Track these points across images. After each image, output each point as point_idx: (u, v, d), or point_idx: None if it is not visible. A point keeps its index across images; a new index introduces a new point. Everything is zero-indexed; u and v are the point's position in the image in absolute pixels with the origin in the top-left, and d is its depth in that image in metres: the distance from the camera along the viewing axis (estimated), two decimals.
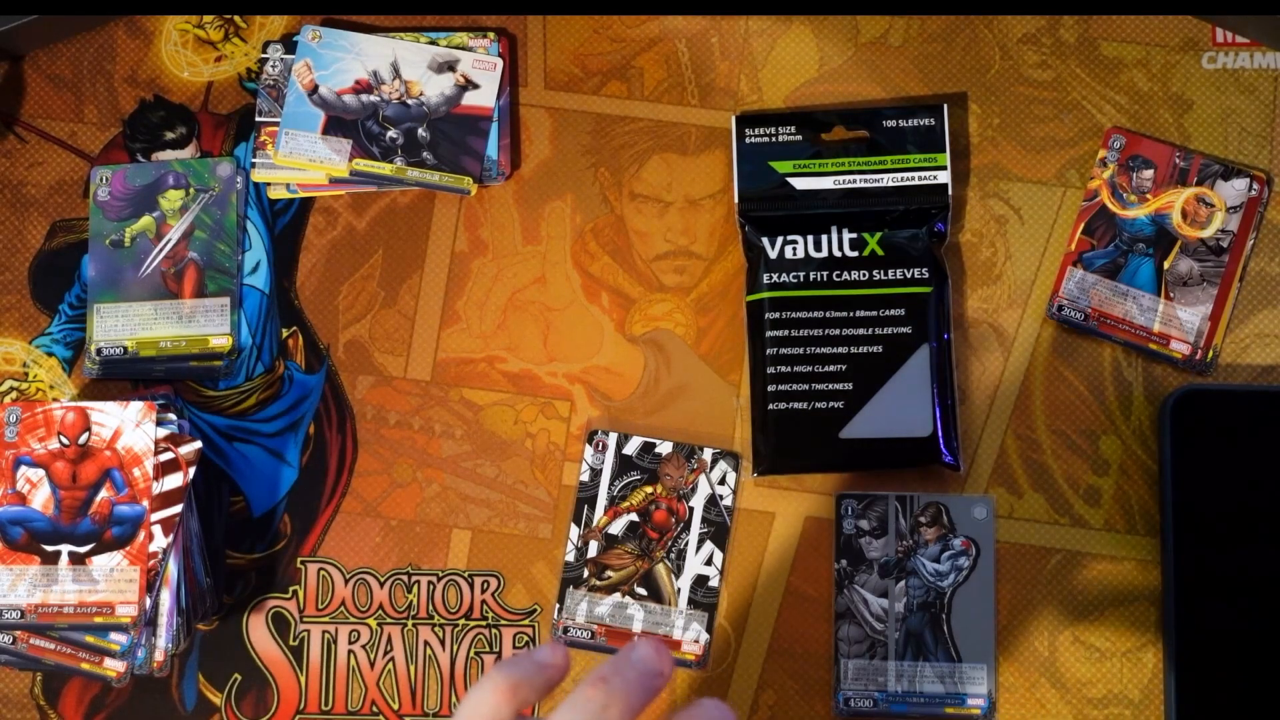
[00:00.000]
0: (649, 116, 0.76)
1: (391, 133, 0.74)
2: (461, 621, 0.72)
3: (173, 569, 0.69)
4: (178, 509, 0.69)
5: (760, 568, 0.72)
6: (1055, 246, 0.73)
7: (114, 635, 0.69)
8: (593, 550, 0.72)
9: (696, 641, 0.71)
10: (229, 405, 0.74)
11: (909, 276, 0.72)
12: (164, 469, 0.69)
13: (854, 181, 0.73)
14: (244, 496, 0.73)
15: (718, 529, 0.72)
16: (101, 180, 0.75)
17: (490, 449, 0.73)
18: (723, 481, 0.72)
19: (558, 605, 0.72)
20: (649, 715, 0.49)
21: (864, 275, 0.72)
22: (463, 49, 0.75)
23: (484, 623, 0.72)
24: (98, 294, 0.74)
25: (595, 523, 0.72)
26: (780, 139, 0.73)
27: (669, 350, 0.74)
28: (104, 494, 0.69)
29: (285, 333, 0.75)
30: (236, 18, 0.77)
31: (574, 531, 0.72)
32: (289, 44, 0.76)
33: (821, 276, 0.72)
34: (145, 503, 0.69)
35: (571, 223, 0.75)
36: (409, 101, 0.75)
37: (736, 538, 0.72)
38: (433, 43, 0.76)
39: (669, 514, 0.72)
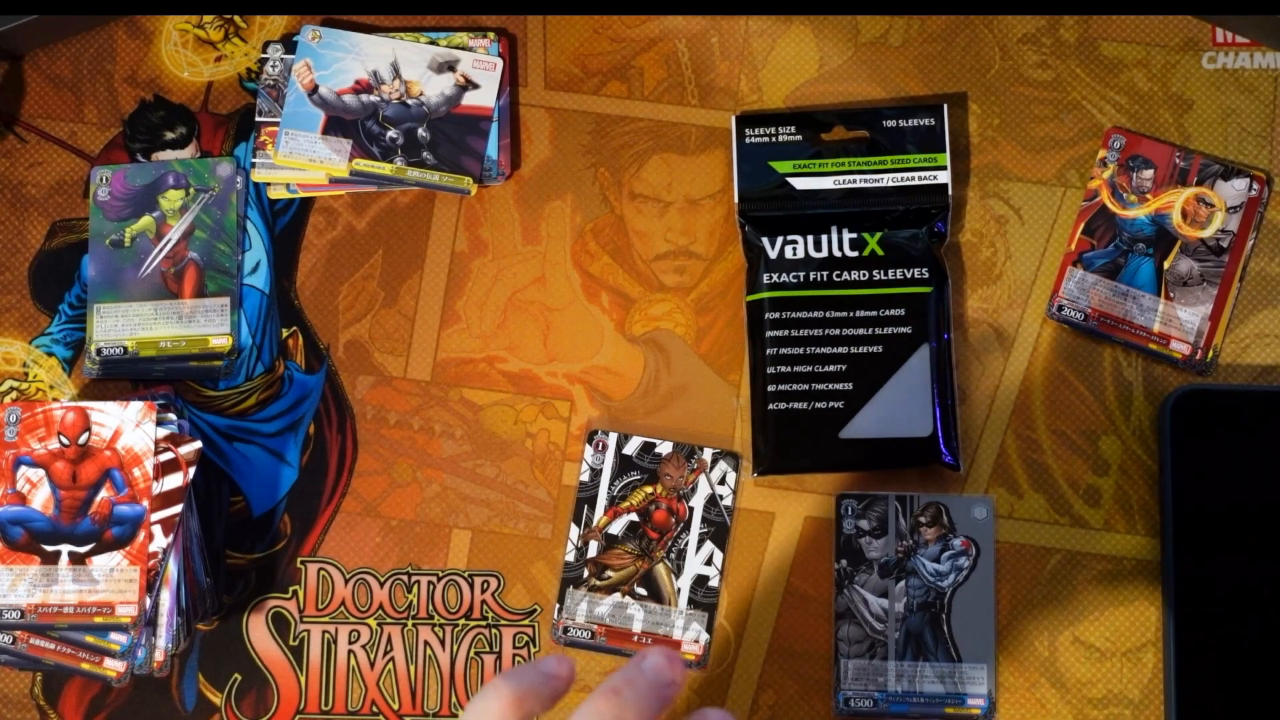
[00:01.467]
0: (649, 116, 0.76)
1: (391, 133, 0.74)
2: (461, 621, 0.72)
3: (173, 569, 0.69)
4: (178, 509, 0.69)
5: (760, 568, 0.72)
6: (1055, 246, 0.73)
7: (114, 635, 0.69)
8: (593, 550, 0.72)
9: (696, 641, 0.71)
10: (229, 405, 0.74)
11: (909, 276, 0.72)
12: (164, 469, 0.69)
13: (854, 181, 0.73)
14: (244, 496, 0.73)
15: (718, 529, 0.72)
16: (101, 180, 0.75)
17: (490, 449, 0.73)
18: (723, 481, 0.72)
19: (558, 605, 0.72)
20: None
21: (864, 275, 0.72)
22: (463, 49, 0.75)
23: (484, 623, 0.72)
24: (98, 294, 0.74)
25: (595, 523, 0.72)
26: (780, 139, 0.73)
27: (669, 350, 0.74)
28: (104, 494, 0.69)
29: (285, 333, 0.75)
30: (236, 18, 0.77)
31: (574, 531, 0.72)
32: (289, 44, 0.76)
33: (821, 276, 0.72)
34: (145, 503, 0.69)
35: (571, 223, 0.75)
36: (409, 101, 0.75)
37: (736, 538, 0.72)
38: (433, 43, 0.75)
39: (669, 514, 0.72)
